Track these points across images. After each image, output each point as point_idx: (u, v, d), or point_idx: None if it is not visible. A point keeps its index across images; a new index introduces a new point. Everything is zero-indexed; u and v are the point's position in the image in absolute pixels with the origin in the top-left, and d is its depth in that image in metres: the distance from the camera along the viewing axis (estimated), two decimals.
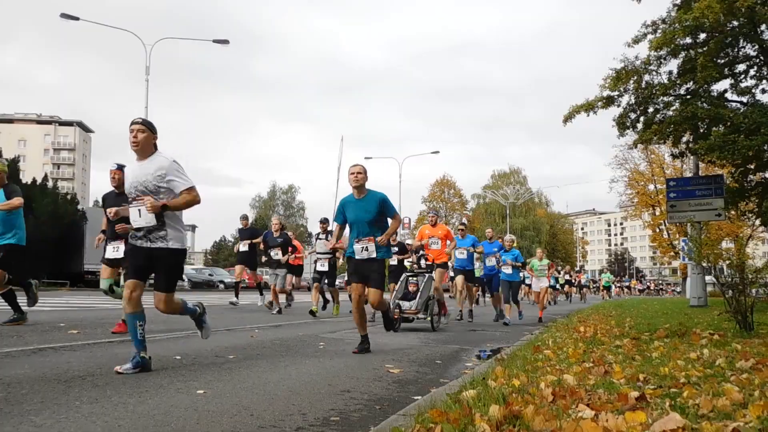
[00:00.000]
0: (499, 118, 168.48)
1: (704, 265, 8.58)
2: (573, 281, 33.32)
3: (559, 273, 30.18)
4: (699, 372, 3.98)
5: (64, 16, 24.46)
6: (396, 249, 12.02)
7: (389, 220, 6.46)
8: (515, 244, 12.57)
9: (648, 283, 79.83)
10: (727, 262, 7.95)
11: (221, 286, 35.20)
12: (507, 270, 11.99)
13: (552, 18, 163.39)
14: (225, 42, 26.87)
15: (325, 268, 12.11)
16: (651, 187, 43.74)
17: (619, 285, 58.15)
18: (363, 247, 6.18)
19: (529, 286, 19.82)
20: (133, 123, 4.62)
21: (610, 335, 7.21)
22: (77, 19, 24.67)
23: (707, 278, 18.66)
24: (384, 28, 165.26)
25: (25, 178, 30.10)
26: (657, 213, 43.26)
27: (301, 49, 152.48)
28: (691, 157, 19.24)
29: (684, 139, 16.82)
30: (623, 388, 3.33)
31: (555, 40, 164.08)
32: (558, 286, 27.18)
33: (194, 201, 4.64)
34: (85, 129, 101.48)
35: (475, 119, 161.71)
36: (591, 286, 44.86)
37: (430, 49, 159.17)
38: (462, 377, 4.35)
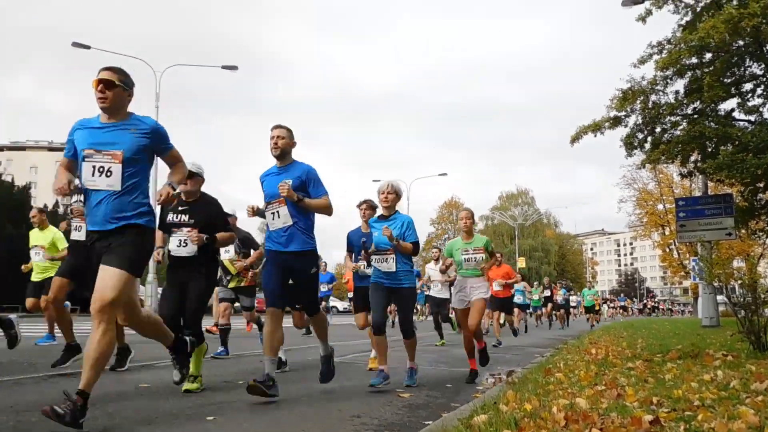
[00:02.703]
0: (507, 139, 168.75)
1: (716, 284, 8.51)
2: (553, 298, 24.85)
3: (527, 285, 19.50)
4: (713, 394, 3.93)
5: (75, 44, 24.83)
6: None
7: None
8: (395, 202, 5.64)
9: (645, 301, 73.12)
10: (739, 281, 7.89)
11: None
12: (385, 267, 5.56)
13: (561, 40, 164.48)
14: (234, 68, 27.16)
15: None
16: (660, 206, 43.58)
17: (612, 306, 51.28)
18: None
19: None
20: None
21: (622, 357, 7.14)
22: (88, 47, 25.02)
23: (719, 298, 18.48)
24: (393, 51, 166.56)
25: (37, 204, 30.31)
26: (667, 233, 43.06)
27: (310, 72, 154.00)
28: (700, 177, 19.20)
29: (692, 158, 16.80)
30: (637, 411, 3.29)
31: (563, 62, 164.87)
32: (529, 304, 20.03)
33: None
34: None
35: (482, 141, 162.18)
36: (577, 305, 30.45)
37: (438, 71, 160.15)
38: (473, 401, 4.31)
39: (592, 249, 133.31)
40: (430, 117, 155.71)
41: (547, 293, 23.45)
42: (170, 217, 5.10)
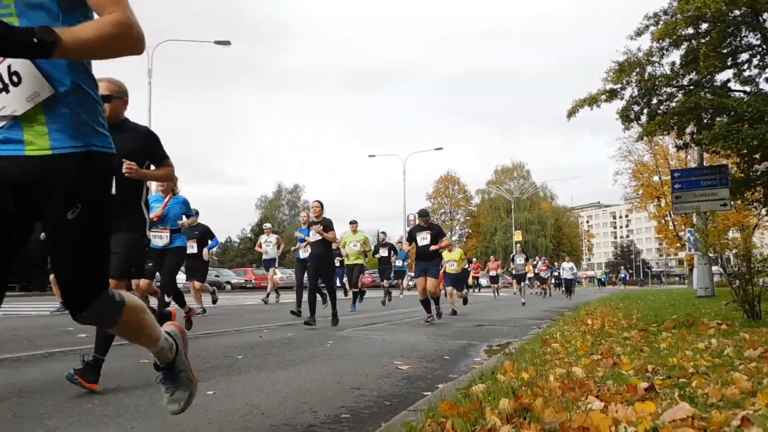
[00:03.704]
0: (508, 112, 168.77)
1: (711, 255, 8.57)
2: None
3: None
4: (707, 362, 3.98)
5: None
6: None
7: None
8: None
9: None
10: (734, 251, 7.95)
11: (228, 287, 35.28)
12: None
13: (571, 7, 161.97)
14: (226, 43, 26.93)
15: None
16: (655, 178, 43.68)
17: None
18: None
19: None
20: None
21: (618, 327, 7.21)
22: None
23: (714, 268, 18.61)
24: (399, 22, 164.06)
25: None
26: (662, 204, 43.21)
27: (314, 43, 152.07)
28: (696, 148, 19.21)
29: (688, 130, 16.78)
30: (632, 379, 3.34)
31: (568, 32, 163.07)
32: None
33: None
34: None
35: (484, 114, 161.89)
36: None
37: (439, 43, 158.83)
38: (471, 372, 4.36)
39: (588, 222, 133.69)
40: (432, 89, 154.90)
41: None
42: None
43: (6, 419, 3.04)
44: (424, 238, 10.15)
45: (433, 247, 10.11)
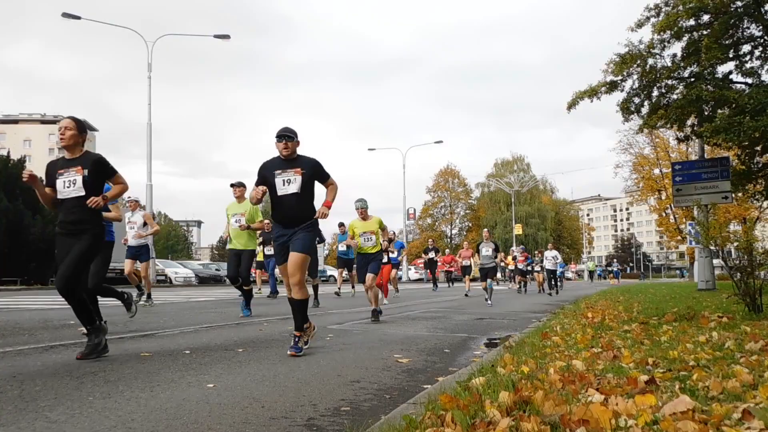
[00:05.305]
0: (508, 105, 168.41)
1: (712, 248, 8.56)
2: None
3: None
4: (708, 355, 3.98)
5: (65, 15, 24.48)
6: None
7: None
8: None
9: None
10: (735, 244, 7.94)
11: (228, 281, 35.29)
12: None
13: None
14: (226, 37, 26.86)
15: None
16: (656, 171, 43.56)
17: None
18: None
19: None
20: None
21: (619, 320, 7.21)
22: (78, 18, 24.66)
23: (715, 262, 18.61)
24: (398, 13, 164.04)
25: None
26: (663, 197, 43.14)
27: (313, 36, 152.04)
28: (697, 141, 19.18)
29: (689, 122, 16.73)
30: (632, 372, 3.33)
31: (568, 24, 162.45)
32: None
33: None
34: (89, 127, 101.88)
35: (484, 107, 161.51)
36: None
37: (441, 34, 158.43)
38: (471, 365, 4.36)
39: (588, 215, 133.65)
40: (433, 82, 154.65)
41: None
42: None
43: (7, 411, 3.04)
44: (288, 181, 5.41)
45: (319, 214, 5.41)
